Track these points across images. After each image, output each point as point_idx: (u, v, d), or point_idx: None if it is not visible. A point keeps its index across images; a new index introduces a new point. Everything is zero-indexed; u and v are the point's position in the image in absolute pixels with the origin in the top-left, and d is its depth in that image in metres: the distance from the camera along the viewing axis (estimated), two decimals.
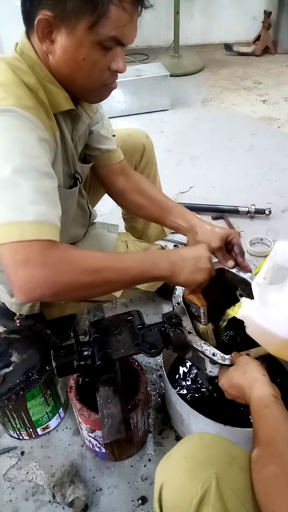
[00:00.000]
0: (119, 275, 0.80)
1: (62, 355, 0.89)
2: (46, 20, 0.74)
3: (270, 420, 0.67)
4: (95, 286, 0.79)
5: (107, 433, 0.80)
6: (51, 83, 0.83)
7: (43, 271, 0.70)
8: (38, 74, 0.81)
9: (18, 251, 0.69)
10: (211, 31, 4.34)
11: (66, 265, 0.73)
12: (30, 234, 0.69)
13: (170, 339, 0.91)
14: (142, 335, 0.92)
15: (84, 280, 0.75)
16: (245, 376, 0.78)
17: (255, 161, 2.42)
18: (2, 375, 1.02)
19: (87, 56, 0.77)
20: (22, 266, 0.69)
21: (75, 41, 0.75)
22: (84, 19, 0.73)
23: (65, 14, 0.72)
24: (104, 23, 0.73)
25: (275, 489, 0.56)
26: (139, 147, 1.31)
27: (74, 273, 0.74)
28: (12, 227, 0.69)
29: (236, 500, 0.59)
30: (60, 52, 0.78)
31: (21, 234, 0.69)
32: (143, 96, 2.97)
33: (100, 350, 0.88)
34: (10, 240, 0.69)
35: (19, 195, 0.70)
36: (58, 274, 0.72)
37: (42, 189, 0.73)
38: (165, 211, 1.14)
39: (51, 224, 0.72)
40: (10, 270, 0.70)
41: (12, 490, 1.06)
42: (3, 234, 0.69)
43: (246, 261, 1.05)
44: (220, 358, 0.87)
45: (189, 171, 2.36)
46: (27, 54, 0.81)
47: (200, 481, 0.61)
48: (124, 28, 0.76)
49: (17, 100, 0.74)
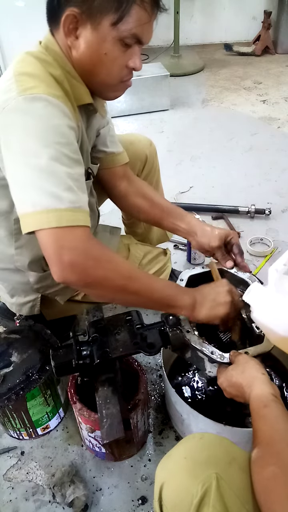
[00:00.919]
0: (146, 291, 0.83)
1: (60, 354, 0.89)
2: (73, 16, 0.79)
3: (269, 419, 0.67)
4: (123, 292, 0.81)
5: (106, 433, 0.80)
6: (74, 78, 0.87)
7: (85, 260, 0.74)
8: (63, 67, 0.85)
9: (60, 237, 0.73)
10: (211, 31, 4.34)
11: (106, 262, 0.77)
12: (66, 220, 0.73)
13: (169, 338, 0.91)
14: (141, 334, 0.92)
15: (117, 282, 0.79)
16: (244, 375, 0.78)
17: (255, 161, 2.42)
18: (2, 375, 1.02)
19: (109, 52, 0.82)
20: (68, 251, 0.73)
21: (99, 36, 0.80)
22: (109, 16, 0.78)
23: (91, 11, 0.78)
24: (126, 21, 0.78)
25: (274, 489, 0.56)
26: (141, 156, 1.31)
27: (112, 271, 0.78)
28: (50, 214, 0.72)
29: (237, 500, 0.59)
30: (84, 46, 0.82)
31: (59, 220, 0.72)
32: (143, 96, 2.97)
33: (99, 349, 0.88)
34: (49, 226, 0.72)
35: (55, 182, 0.73)
36: (97, 268, 0.76)
37: (74, 176, 0.76)
38: (165, 213, 1.15)
39: (84, 210, 0.76)
40: (52, 251, 0.73)
41: (12, 490, 1.06)
42: (42, 220, 0.72)
43: (245, 261, 1.05)
44: (218, 356, 0.87)
45: (189, 171, 2.36)
46: (52, 49, 0.85)
47: (200, 481, 0.61)
48: (144, 27, 0.81)
49: (47, 89, 0.77)
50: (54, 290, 1.15)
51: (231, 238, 1.06)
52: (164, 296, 0.86)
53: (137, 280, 0.82)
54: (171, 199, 2.10)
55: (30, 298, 1.16)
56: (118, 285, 0.80)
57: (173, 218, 1.14)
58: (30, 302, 1.17)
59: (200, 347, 0.88)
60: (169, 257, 1.41)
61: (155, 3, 0.81)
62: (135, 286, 0.81)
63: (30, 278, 1.10)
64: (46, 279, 1.11)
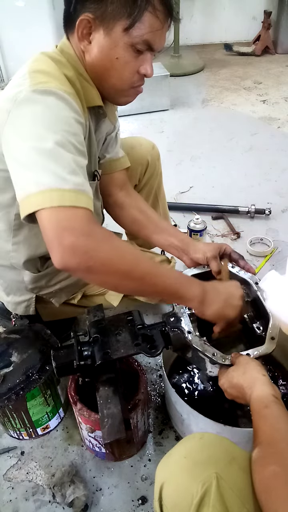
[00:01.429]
0: (151, 278, 0.78)
1: (62, 355, 0.89)
2: (87, 21, 0.81)
3: (270, 420, 0.67)
4: (127, 277, 0.77)
5: (107, 433, 0.80)
6: (86, 80, 0.89)
7: (87, 242, 0.70)
8: (76, 69, 0.88)
9: (61, 216, 0.70)
10: (211, 31, 4.34)
11: (108, 244, 0.73)
12: (69, 200, 0.70)
13: (170, 339, 0.91)
14: (142, 335, 0.92)
15: (121, 267, 0.74)
16: (245, 376, 0.78)
17: (255, 161, 2.42)
18: (2, 375, 1.02)
19: (121, 56, 0.84)
20: (68, 232, 0.69)
21: (111, 41, 0.82)
22: (121, 22, 0.80)
23: (105, 17, 0.80)
24: (138, 27, 0.80)
25: (276, 488, 0.56)
26: (142, 161, 1.30)
27: (115, 255, 0.74)
28: (53, 193, 0.70)
29: (237, 500, 0.59)
30: (96, 51, 0.85)
31: (61, 199, 0.70)
32: (143, 96, 2.93)
33: (100, 350, 0.88)
34: (51, 205, 0.69)
35: (60, 164, 0.72)
36: (99, 250, 0.71)
37: (79, 163, 0.76)
38: (159, 228, 1.14)
39: (87, 195, 0.74)
40: (52, 233, 0.70)
41: (12, 490, 1.06)
42: (44, 199, 0.70)
43: (248, 264, 1.05)
44: (220, 358, 0.86)
45: (189, 171, 2.36)
46: (67, 52, 0.88)
47: (200, 480, 0.61)
48: (155, 34, 0.83)
49: (59, 85, 0.79)
50: (49, 292, 1.15)
51: (224, 248, 1.06)
52: (171, 284, 0.81)
53: (143, 265, 0.77)
54: (171, 199, 2.10)
55: (25, 297, 1.16)
56: (122, 269, 0.75)
57: (167, 235, 1.12)
58: (25, 302, 1.17)
59: (202, 349, 0.88)
60: (173, 266, 1.36)
61: (168, 12, 0.82)
62: (141, 271, 0.77)
63: (25, 277, 1.10)
64: (40, 280, 1.11)
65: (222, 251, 1.06)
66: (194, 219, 1.74)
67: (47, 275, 1.11)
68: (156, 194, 1.41)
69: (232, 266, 1.04)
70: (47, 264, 1.10)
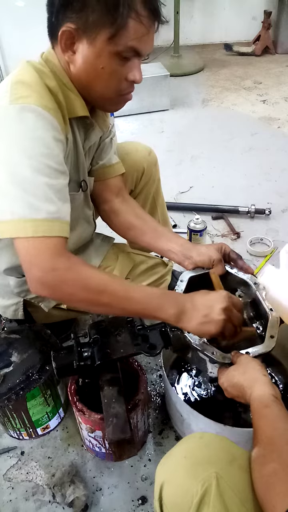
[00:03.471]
0: (119, 303, 0.83)
1: (62, 356, 0.89)
2: (69, 32, 0.79)
3: (270, 419, 0.67)
4: (94, 305, 0.84)
5: (112, 432, 0.80)
6: (70, 90, 0.87)
7: (52, 277, 0.78)
8: (59, 79, 0.86)
9: (32, 249, 0.77)
10: (211, 31, 4.34)
11: (72, 277, 0.79)
12: (42, 231, 0.76)
13: (169, 339, 0.91)
14: (141, 335, 0.92)
15: (84, 296, 0.81)
16: (245, 375, 0.78)
17: (255, 161, 2.42)
18: (2, 375, 1.02)
19: (106, 65, 0.82)
20: (36, 268, 0.78)
21: (95, 51, 0.80)
22: (104, 31, 0.77)
23: (87, 26, 0.78)
24: (122, 35, 0.78)
25: (274, 484, 0.56)
26: (137, 168, 1.27)
27: (78, 287, 0.80)
28: (27, 223, 0.76)
29: (236, 499, 0.60)
30: (81, 61, 0.83)
31: (34, 230, 0.76)
32: (143, 96, 2.97)
33: (100, 351, 0.88)
34: (26, 235, 0.76)
35: (34, 193, 0.76)
36: (64, 283, 0.79)
37: (56, 186, 0.79)
38: (157, 234, 1.11)
39: (61, 221, 0.80)
40: (25, 265, 0.79)
41: (12, 490, 1.06)
42: (18, 229, 0.76)
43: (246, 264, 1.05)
44: (220, 357, 0.86)
45: (189, 171, 2.36)
46: (51, 61, 0.87)
47: (200, 480, 0.61)
48: (141, 40, 0.80)
49: (39, 100, 0.79)
50: (36, 296, 1.13)
51: (224, 248, 1.05)
52: (142, 309, 0.84)
53: (106, 293, 0.82)
54: (171, 199, 2.10)
55: (13, 301, 1.15)
56: (88, 299, 0.82)
57: (166, 240, 1.09)
58: (13, 306, 1.15)
59: (201, 348, 0.88)
60: (169, 270, 1.34)
61: (152, 16, 0.79)
62: (105, 299, 0.82)
63: (10, 282, 1.09)
64: (25, 284, 1.09)
65: (222, 251, 1.05)
66: (194, 219, 1.74)
67: None
68: (154, 200, 1.38)
69: (230, 267, 1.04)
70: None
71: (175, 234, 1.14)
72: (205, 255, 1.02)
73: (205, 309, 0.85)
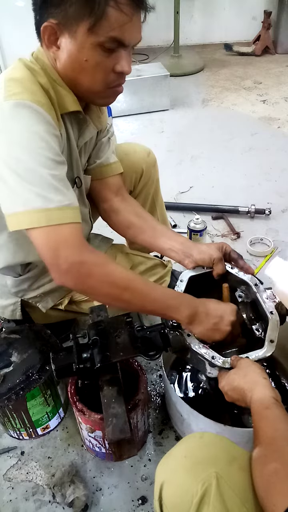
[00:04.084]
0: (140, 300, 0.86)
1: (61, 357, 0.89)
2: (50, 27, 0.79)
3: (271, 420, 0.67)
4: (115, 300, 0.86)
5: (112, 432, 0.80)
6: (61, 86, 0.87)
7: (79, 269, 0.79)
8: (50, 76, 0.86)
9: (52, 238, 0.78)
10: (211, 31, 4.34)
11: (99, 272, 0.81)
12: (56, 219, 0.77)
13: (169, 341, 0.91)
14: (141, 337, 0.91)
15: (108, 291, 0.83)
16: (246, 379, 0.78)
17: (255, 161, 2.42)
18: (2, 375, 1.02)
19: (90, 58, 0.81)
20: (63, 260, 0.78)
21: (77, 44, 0.79)
22: (84, 22, 0.76)
23: (67, 20, 0.77)
24: (102, 25, 0.76)
25: (275, 483, 0.57)
26: (136, 169, 1.26)
27: (103, 282, 0.82)
28: (40, 213, 0.77)
29: (236, 499, 0.60)
30: (65, 56, 0.82)
31: (48, 219, 0.77)
32: (143, 96, 2.97)
33: (100, 353, 0.88)
34: (39, 225, 0.77)
35: (41, 184, 0.77)
36: (89, 277, 0.81)
37: (59, 176, 0.80)
38: (158, 232, 1.11)
39: (72, 207, 0.80)
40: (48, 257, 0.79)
41: (12, 490, 1.06)
42: (32, 219, 0.77)
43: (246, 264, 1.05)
44: (220, 362, 0.86)
45: (189, 171, 2.36)
46: (41, 59, 0.87)
47: (200, 480, 0.61)
48: (123, 29, 0.78)
49: (32, 96, 0.79)
50: (33, 297, 1.14)
51: (225, 247, 1.05)
52: (159, 308, 0.87)
53: (132, 290, 0.84)
54: (171, 199, 2.10)
55: (11, 301, 1.15)
56: (111, 294, 0.84)
57: (166, 238, 1.09)
58: (11, 306, 1.16)
59: (201, 352, 0.88)
60: (168, 271, 1.34)
61: (134, 3, 0.77)
62: (130, 295, 0.84)
63: (8, 281, 1.10)
64: (22, 284, 1.10)
65: (223, 250, 1.05)
66: (194, 219, 1.74)
67: (28, 279, 1.10)
68: (154, 200, 1.38)
69: (231, 267, 1.04)
70: (28, 269, 1.08)
71: (175, 232, 1.14)
72: (205, 254, 1.02)
73: (216, 318, 0.90)
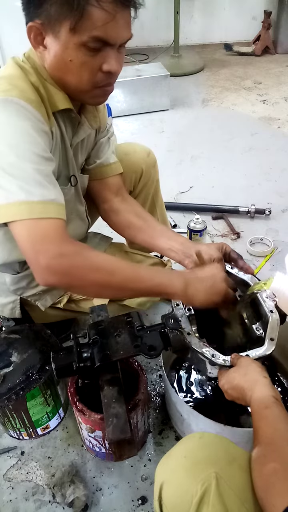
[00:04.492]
0: (130, 282, 0.84)
1: (61, 357, 0.89)
2: (35, 27, 0.79)
3: (270, 420, 0.67)
4: (105, 287, 0.83)
5: (112, 432, 0.80)
6: (51, 85, 0.87)
7: (61, 261, 0.76)
8: (40, 75, 0.86)
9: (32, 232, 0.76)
10: (211, 31, 4.34)
11: (82, 260, 0.78)
12: (38, 212, 0.75)
13: (169, 340, 0.91)
14: (141, 336, 0.92)
15: (96, 278, 0.80)
16: (246, 377, 0.78)
17: (255, 161, 2.42)
18: (2, 375, 1.02)
19: (74, 58, 0.80)
20: (42, 255, 0.75)
21: (61, 44, 0.79)
22: (66, 22, 0.75)
23: (50, 20, 0.76)
24: (84, 24, 0.75)
25: (275, 483, 0.57)
26: (136, 169, 1.26)
27: (88, 269, 0.79)
28: (22, 206, 0.75)
29: (236, 499, 0.60)
30: (51, 56, 0.82)
31: (30, 212, 0.75)
32: (143, 96, 2.97)
33: (100, 352, 0.88)
34: (21, 218, 0.75)
35: (25, 177, 0.76)
36: (73, 268, 0.78)
37: (44, 171, 0.79)
38: (158, 232, 1.11)
39: (57, 203, 0.79)
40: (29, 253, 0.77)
41: (12, 490, 1.06)
42: (14, 211, 0.75)
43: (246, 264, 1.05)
44: (220, 360, 0.86)
45: (189, 171, 2.36)
46: (32, 58, 0.87)
47: (200, 480, 0.61)
48: (107, 28, 0.76)
49: (21, 93, 0.79)
50: (32, 294, 1.14)
51: (225, 247, 1.05)
52: (152, 286, 0.86)
53: (119, 274, 0.82)
54: (171, 199, 2.10)
55: (10, 299, 1.15)
56: (99, 281, 0.81)
57: (166, 238, 1.08)
58: (10, 304, 1.16)
59: (201, 350, 0.88)
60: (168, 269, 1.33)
61: (117, 0, 0.74)
62: (118, 280, 0.81)
63: (6, 279, 1.10)
64: (21, 281, 1.10)
65: (223, 250, 1.05)
66: (194, 219, 1.74)
67: (27, 276, 1.10)
68: (154, 201, 1.38)
69: (231, 267, 1.04)
70: (26, 266, 1.08)
71: (175, 232, 1.14)
72: (205, 254, 1.02)
73: (209, 279, 0.89)
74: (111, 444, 0.81)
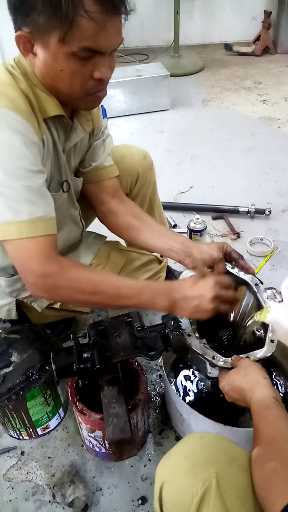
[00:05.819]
0: (111, 301, 0.88)
1: (61, 358, 0.89)
2: (24, 36, 0.78)
3: (270, 420, 0.67)
4: (88, 304, 0.93)
5: (112, 432, 0.80)
6: (42, 91, 0.86)
7: (45, 282, 0.82)
8: (30, 81, 0.85)
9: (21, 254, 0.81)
10: (211, 31, 4.34)
11: (64, 281, 0.83)
12: (26, 232, 0.79)
13: (169, 341, 0.91)
14: (141, 337, 0.91)
15: (79, 298, 0.86)
16: (246, 379, 0.78)
17: (255, 161, 2.42)
18: (2, 375, 1.02)
19: (64, 67, 0.79)
20: (29, 274, 0.82)
21: (50, 54, 0.78)
22: (54, 33, 0.74)
23: (39, 29, 0.75)
24: (73, 35, 0.73)
25: (275, 482, 0.57)
26: (132, 172, 1.25)
27: (71, 290, 0.84)
28: (11, 226, 0.78)
29: (236, 499, 0.60)
30: (41, 64, 0.81)
31: (19, 232, 0.78)
32: (143, 96, 2.97)
33: (100, 353, 0.88)
34: (11, 238, 0.79)
35: (13, 196, 0.78)
36: (57, 288, 0.83)
37: (33, 187, 0.80)
38: (157, 232, 1.11)
39: (45, 219, 0.81)
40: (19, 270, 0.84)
41: (12, 490, 1.06)
42: (3, 231, 0.79)
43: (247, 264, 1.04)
44: (221, 362, 0.86)
45: (189, 171, 2.36)
46: (22, 63, 0.86)
47: (200, 480, 0.61)
48: (97, 37, 0.74)
49: (11, 102, 0.79)
50: (28, 296, 1.14)
51: (225, 247, 1.04)
52: (135, 304, 0.89)
53: (101, 293, 0.86)
54: (171, 199, 2.10)
55: (6, 301, 1.15)
56: (81, 300, 0.87)
57: (166, 239, 1.08)
58: (6, 306, 1.16)
59: (202, 352, 0.88)
60: (163, 266, 1.34)
61: (107, 10, 0.72)
62: (100, 299, 0.86)
63: (1, 281, 1.10)
64: (15, 283, 1.10)
65: (224, 250, 1.04)
66: (194, 219, 1.74)
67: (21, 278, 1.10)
68: (151, 203, 1.37)
69: (231, 267, 1.04)
70: None
71: (175, 232, 1.13)
72: (206, 253, 1.02)
73: (195, 300, 0.87)
74: (111, 444, 0.82)
